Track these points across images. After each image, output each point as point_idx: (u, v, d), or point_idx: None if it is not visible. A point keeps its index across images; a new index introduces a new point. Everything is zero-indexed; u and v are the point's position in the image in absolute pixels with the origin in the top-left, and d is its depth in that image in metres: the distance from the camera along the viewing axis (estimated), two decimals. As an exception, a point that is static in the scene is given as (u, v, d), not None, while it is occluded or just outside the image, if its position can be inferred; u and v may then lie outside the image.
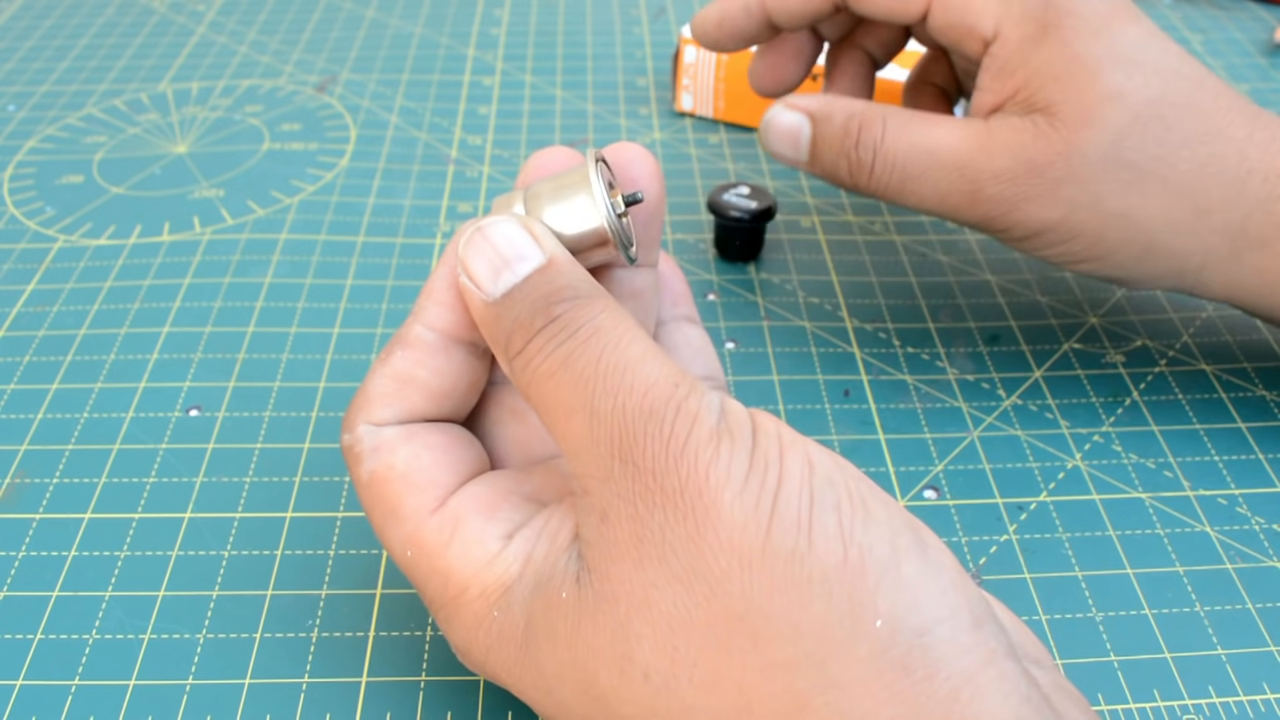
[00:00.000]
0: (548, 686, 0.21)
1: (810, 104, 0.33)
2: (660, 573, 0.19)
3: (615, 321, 0.21)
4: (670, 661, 0.19)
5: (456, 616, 0.23)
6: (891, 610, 0.19)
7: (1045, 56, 0.30)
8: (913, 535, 0.20)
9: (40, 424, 0.35)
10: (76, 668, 0.28)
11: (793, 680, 0.18)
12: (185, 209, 0.46)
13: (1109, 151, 0.30)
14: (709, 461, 0.19)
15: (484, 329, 0.23)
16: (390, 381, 0.24)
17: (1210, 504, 0.33)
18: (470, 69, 0.57)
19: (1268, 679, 0.28)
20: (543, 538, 0.22)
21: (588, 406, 0.20)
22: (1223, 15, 0.62)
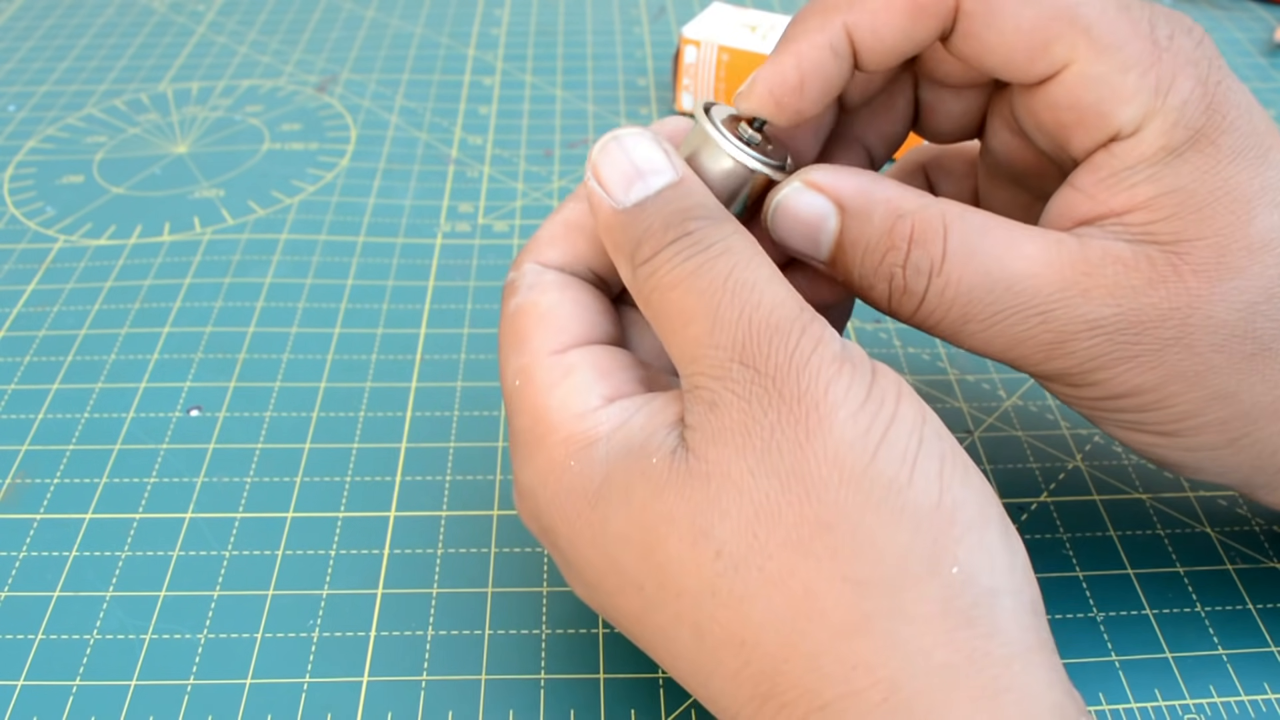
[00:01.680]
0: (606, 544, 0.21)
1: (843, 186, 0.24)
2: (760, 464, 0.20)
3: (745, 244, 0.22)
4: (747, 546, 0.19)
5: (534, 456, 0.23)
6: (969, 563, 0.19)
7: (1186, 177, 0.23)
8: (1000, 511, 0.20)
9: (41, 424, 0.35)
10: (78, 668, 0.28)
11: (861, 599, 0.19)
12: (185, 209, 0.46)
13: (1240, 315, 0.23)
14: (829, 380, 0.20)
15: (608, 236, 0.23)
16: (559, 226, 0.25)
17: (1210, 504, 0.33)
18: (470, 69, 0.57)
19: (1268, 679, 0.28)
20: (643, 411, 0.22)
21: (712, 314, 0.21)
22: (1223, 15, 0.62)
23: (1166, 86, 0.23)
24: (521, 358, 0.23)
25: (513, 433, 0.24)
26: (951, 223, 0.23)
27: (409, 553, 0.31)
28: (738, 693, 0.20)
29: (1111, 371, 0.23)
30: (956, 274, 0.23)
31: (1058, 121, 0.24)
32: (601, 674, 0.28)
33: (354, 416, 0.36)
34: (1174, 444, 0.25)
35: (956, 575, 0.19)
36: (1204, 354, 0.23)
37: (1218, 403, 0.24)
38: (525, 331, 0.24)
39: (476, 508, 0.32)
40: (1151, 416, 0.24)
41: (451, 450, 0.34)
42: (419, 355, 0.38)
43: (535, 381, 0.23)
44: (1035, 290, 0.23)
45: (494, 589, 0.30)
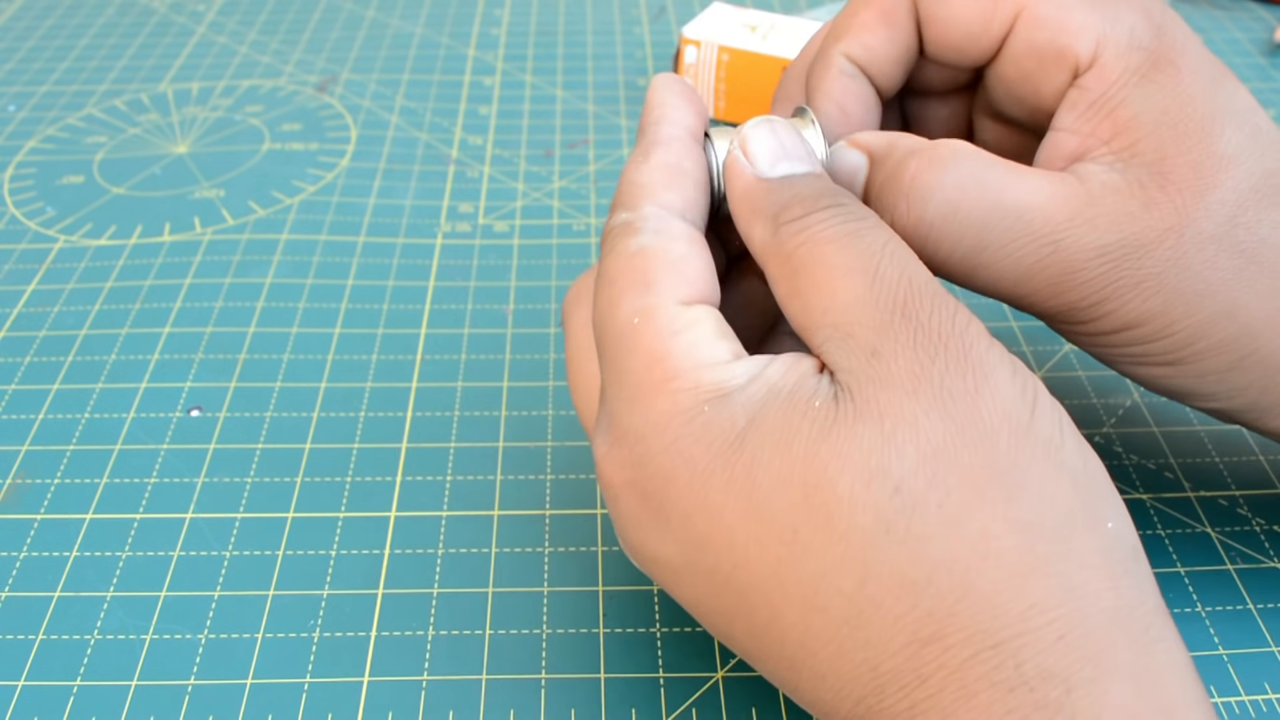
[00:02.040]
0: (752, 488, 0.21)
1: (873, 140, 0.26)
2: (934, 407, 0.20)
3: (891, 229, 0.23)
4: (926, 484, 0.20)
5: (651, 399, 0.22)
6: (1117, 523, 0.20)
7: (1156, 97, 0.24)
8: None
9: (41, 424, 0.35)
10: (78, 668, 0.28)
11: (1035, 542, 0.19)
12: (186, 209, 0.46)
13: (1224, 229, 0.24)
14: (988, 345, 0.21)
15: (747, 198, 0.24)
16: (663, 170, 0.24)
17: (1211, 505, 0.33)
18: (470, 69, 0.57)
19: (1269, 679, 0.28)
20: (775, 365, 0.22)
21: (873, 270, 0.21)
22: (1223, 15, 0.62)
23: (1113, 16, 0.25)
24: (645, 299, 0.23)
25: (616, 373, 0.23)
26: (962, 156, 0.25)
27: (410, 553, 0.31)
28: (892, 640, 0.19)
29: (1119, 300, 0.25)
30: (966, 201, 0.24)
31: (1024, 75, 0.26)
32: (602, 674, 0.28)
33: (354, 417, 0.36)
34: (1183, 372, 0.26)
35: (1111, 530, 0.20)
36: (1199, 272, 0.24)
37: (1219, 323, 0.25)
38: (653, 274, 0.23)
39: (477, 508, 0.32)
40: (1158, 346, 0.25)
41: (452, 450, 0.34)
42: (419, 355, 0.38)
43: (658, 323, 0.22)
44: (1045, 219, 0.24)
45: (495, 589, 0.30)
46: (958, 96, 0.30)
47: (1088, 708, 0.18)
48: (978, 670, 0.19)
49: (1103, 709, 0.18)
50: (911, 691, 0.19)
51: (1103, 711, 0.18)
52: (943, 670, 0.19)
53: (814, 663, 0.20)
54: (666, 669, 0.28)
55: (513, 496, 0.33)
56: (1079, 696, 0.18)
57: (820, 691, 0.21)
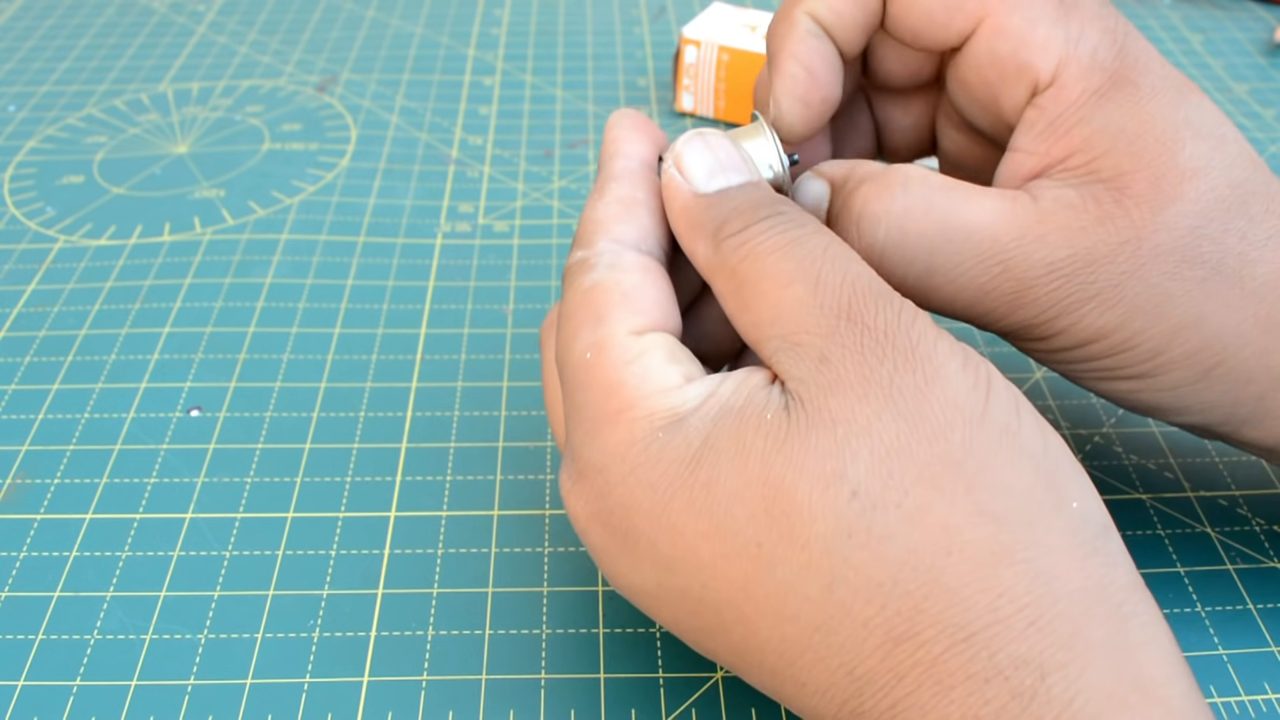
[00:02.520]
0: (712, 506, 0.21)
1: (834, 169, 0.27)
2: (885, 408, 0.20)
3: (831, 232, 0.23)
4: (883, 485, 0.20)
5: (608, 430, 0.22)
6: (1082, 501, 0.20)
7: (1115, 115, 0.25)
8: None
9: (41, 424, 0.35)
10: (78, 668, 0.28)
11: (998, 531, 0.19)
12: (186, 209, 0.46)
13: (1185, 241, 0.24)
14: (935, 338, 0.21)
15: (685, 216, 0.24)
16: (617, 205, 0.25)
17: (1210, 505, 0.33)
18: (471, 69, 0.57)
19: (1269, 679, 0.28)
20: (727, 382, 0.22)
21: (814, 277, 0.22)
22: (1223, 15, 0.62)
23: (1076, 35, 0.25)
24: (597, 332, 0.23)
25: (574, 408, 0.23)
26: (912, 181, 0.25)
27: (409, 553, 0.31)
28: (864, 642, 0.20)
29: (1075, 315, 0.25)
30: (915, 225, 0.25)
31: (984, 83, 0.26)
32: (602, 674, 0.28)
33: (354, 417, 0.36)
34: (1150, 386, 0.26)
35: (1077, 510, 0.20)
36: (1159, 283, 0.24)
37: (1182, 334, 0.25)
38: (605, 308, 0.23)
39: (477, 508, 0.32)
40: (1122, 360, 0.25)
41: (452, 450, 0.34)
42: (419, 355, 0.38)
43: (609, 356, 0.23)
44: (994, 239, 0.24)
45: (494, 589, 0.30)
46: (921, 101, 0.30)
47: (1063, 691, 0.18)
48: (952, 664, 0.19)
49: (1078, 691, 0.18)
50: (890, 690, 0.19)
51: (1078, 693, 0.18)
52: (918, 667, 0.19)
53: (793, 671, 0.21)
54: (666, 669, 0.28)
55: (513, 496, 0.33)
56: (1054, 681, 0.18)
57: (805, 699, 0.21)
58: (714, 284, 0.23)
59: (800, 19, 0.27)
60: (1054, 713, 0.18)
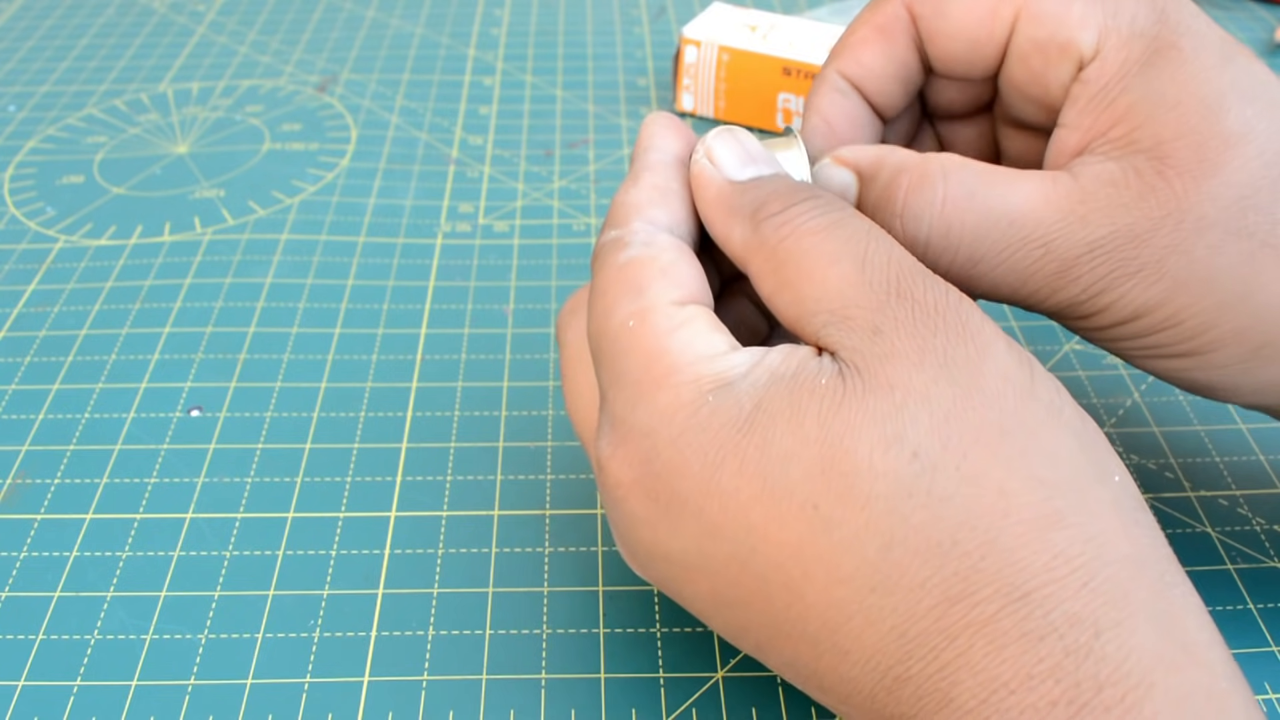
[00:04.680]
0: (766, 468, 0.21)
1: (861, 156, 0.26)
2: (941, 375, 0.20)
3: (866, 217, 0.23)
4: (942, 447, 0.20)
5: (653, 396, 0.22)
6: (1121, 476, 0.21)
7: (1155, 82, 0.24)
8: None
9: (41, 425, 0.35)
10: (78, 668, 0.28)
11: (1051, 495, 0.20)
12: (186, 209, 0.46)
13: (1230, 211, 0.23)
14: (981, 319, 0.21)
15: (720, 201, 0.24)
16: (651, 190, 0.25)
17: (1211, 504, 0.33)
18: (471, 69, 0.57)
19: (1269, 679, 0.28)
20: (774, 353, 0.22)
21: (861, 255, 0.22)
22: (1223, 15, 0.62)
23: (1114, 6, 0.25)
24: (638, 302, 0.23)
25: (615, 375, 0.23)
26: (950, 171, 0.25)
27: (410, 553, 0.31)
28: (919, 603, 0.20)
29: (1118, 292, 0.24)
30: (959, 216, 0.25)
31: (1032, 75, 0.26)
32: (602, 674, 0.28)
33: (355, 417, 0.36)
34: (1201, 364, 0.25)
35: (1119, 483, 0.21)
36: (1203, 258, 0.24)
37: (1229, 310, 0.24)
38: (644, 280, 0.23)
39: (477, 508, 0.32)
40: (1168, 337, 0.25)
41: (452, 450, 0.34)
42: (419, 355, 0.38)
43: (652, 323, 0.23)
44: (1036, 223, 0.24)
45: (495, 589, 0.30)
46: (983, 115, 0.30)
47: (1116, 649, 0.19)
48: (1006, 623, 0.19)
49: (1130, 649, 0.19)
50: (941, 652, 0.19)
51: (1130, 652, 0.19)
52: (971, 627, 0.19)
53: (837, 638, 0.20)
54: (666, 669, 0.28)
55: (513, 496, 0.33)
56: (1107, 639, 0.19)
57: (843, 669, 0.21)
58: (751, 265, 0.23)
59: (829, 76, 0.28)
60: (1108, 670, 0.18)
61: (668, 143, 0.26)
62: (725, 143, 0.25)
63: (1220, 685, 0.19)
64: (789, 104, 0.50)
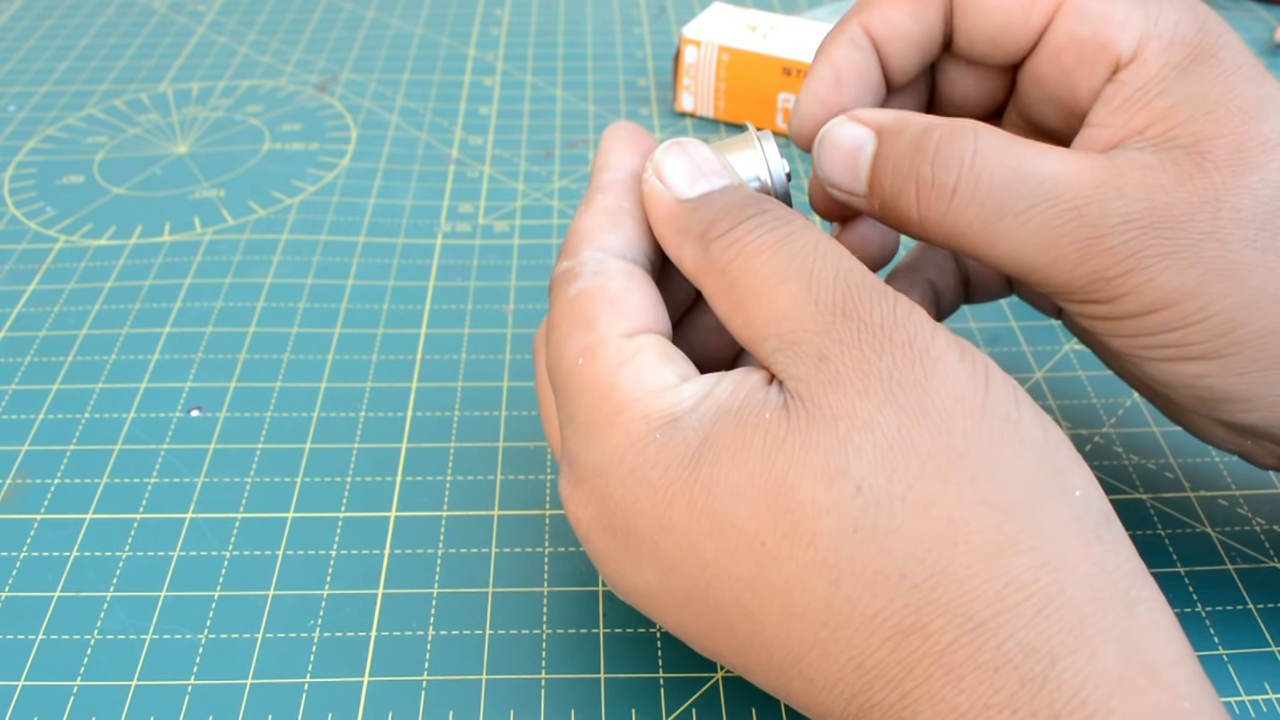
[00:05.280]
0: (714, 506, 0.21)
1: (881, 116, 0.26)
2: (886, 402, 0.20)
3: (819, 228, 0.23)
4: (887, 479, 0.20)
5: (604, 433, 0.22)
6: (1084, 489, 0.20)
7: (1197, 87, 0.24)
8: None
9: (41, 424, 0.35)
10: (78, 668, 0.28)
11: (1003, 521, 0.19)
12: (186, 209, 0.46)
13: (1267, 209, 0.23)
14: (932, 331, 0.21)
15: (670, 222, 0.24)
16: (602, 215, 0.25)
17: (1211, 504, 0.33)
18: (471, 69, 0.57)
19: (1268, 679, 0.28)
20: (723, 383, 0.22)
21: (807, 274, 0.22)
22: (1222, 15, 0.62)
23: (1156, 13, 0.25)
24: (587, 338, 0.23)
25: (569, 414, 0.23)
26: (982, 130, 0.24)
27: (410, 553, 0.31)
28: (872, 636, 0.20)
29: (1148, 272, 0.24)
30: (989, 170, 0.24)
31: (1061, 70, 0.26)
32: (602, 674, 0.28)
33: (354, 417, 0.36)
34: (1222, 368, 0.24)
35: (1080, 498, 0.20)
36: (1238, 249, 0.23)
37: (1259, 308, 0.24)
38: (592, 314, 0.23)
39: (477, 508, 0.32)
40: (1193, 333, 0.24)
41: (452, 450, 0.34)
42: (419, 355, 0.38)
43: (603, 360, 0.23)
44: (1069, 184, 0.24)
45: (495, 589, 0.30)
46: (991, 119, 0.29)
47: (1073, 676, 0.18)
48: (961, 654, 0.19)
49: (1087, 676, 0.18)
50: (900, 682, 0.19)
51: (1087, 679, 0.18)
52: (927, 658, 0.19)
53: (800, 668, 0.21)
54: (666, 669, 0.28)
55: (513, 496, 0.33)
56: (1064, 667, 0.18)
57: (813, 695, 0.21)
58: (704, 287, 0.23)
59: (850, 27, 0.27)
60: (1064, 699, 0.18)
61: (622, 159, 0.26)
62: (674, 157, 0.25)
63: (1183, 706, 0.19)
64: (789, 104, 0.50)
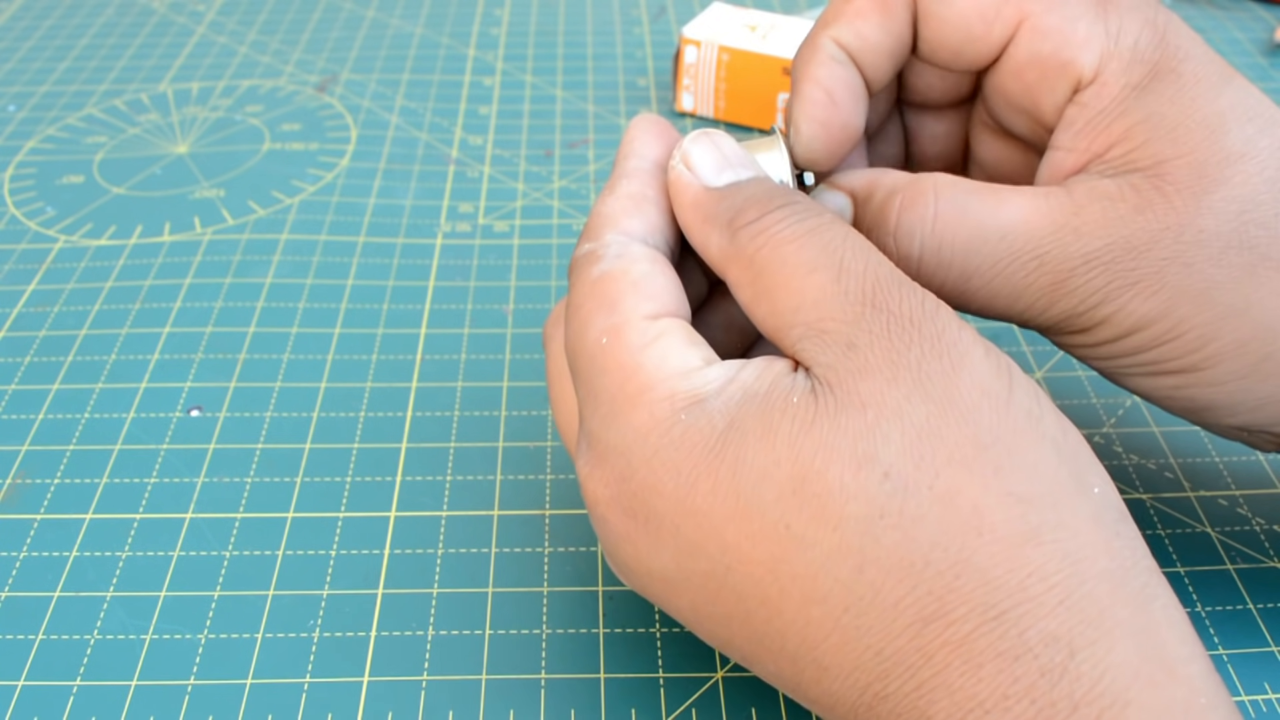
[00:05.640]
0: (739, 488, 0.21)
1: (854, 180, 0.27)
2: (915, 391, 0.20)
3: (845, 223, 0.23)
4: (915, 467, 0.20)
5: (628, 414, 0.22)
6: (1102, 487, 0.21)
7: (1154, 105, 0.24)
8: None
9: (41, 424, 0.35)
10: (78, 668, 0.28)
11: (1027, 512, 0.20)
12: (186, 209, 0.46)
13: (1231, 225, 0.24)
14: (959, 327, 0.21)
15: (697, 209, 0.24)
16: (626, 200, 0.25)
17: (1211, 505, 0.33)
18: (470, 69, 0.57)
19: (1269, 679, 0.28)
20: (748, 368, 0.22)
21: (836, 264, 0.22)
22: (1223, 15, 0.62)
23: (1116, 29, 0.25)
24: (611, 318, 0.23)
25: (591, 394, 0.23)
26: (941, 189, 0.25)
27: (409, 553, 0.31)
28: (894, 623, 0.20)
29: (1116, 304, 0.24)
30: (951, 232, 0.25)
31: (1024, 86, 0.26)
32: (602, 674, 0.28)
33: (354, 417, 0.36)
34: (1200, 380, 0.25)
35: (1098, 494, 0.20)
36: (1203, 269, 0.24)
37: (1230, 322, 0.24)
38: (616, 295, 0.23)
39: (477, 508, 0.32)
40: (1168, 351, 0.25)
41: (452, 450, 0.34)
42: (419, 355, 0.38)
43: (627, 340, 0.23)
44: (1028, 235, 0.24)
45: (494, 589, 0.30)
46: (955, 111, 0.30)
47: (1092, 668, 0.18)
48: (981, 643, 0.19)
49: (1106, 668, 0.18)
50: (918, 671, 0.19)
51: (1106, 670, 0.18)
52: (947, 646, 0.19)
53: (816, 655, 0.20)
54: (666, 669, 0.28)
55: (513, 496, 0.33)
56: (1083, 658, 0.19)
57: (825, 685, 0.21)
58: (728, 274, 0.23)
59: (824, 44, 0.27)
60: (1083, 689, 0.18)
61: (648, 148, 0.26)
62: (702, 147, 0.25)
63: (1199, 701, 0.19)
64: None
